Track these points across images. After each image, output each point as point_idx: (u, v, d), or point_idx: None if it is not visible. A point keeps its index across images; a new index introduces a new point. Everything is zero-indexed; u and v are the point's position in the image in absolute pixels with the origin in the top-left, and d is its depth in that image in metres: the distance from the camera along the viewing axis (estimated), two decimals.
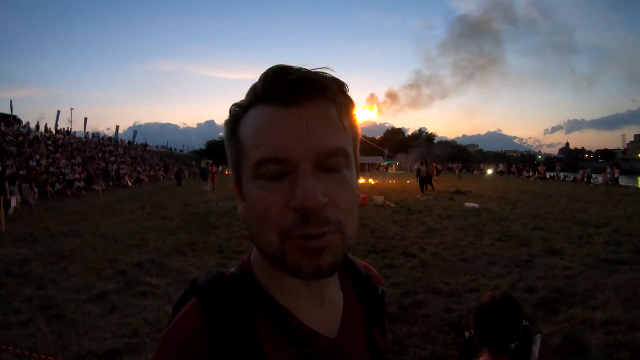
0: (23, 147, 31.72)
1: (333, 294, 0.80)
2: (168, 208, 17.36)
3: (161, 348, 0.68)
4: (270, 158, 0.64)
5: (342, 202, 0.65)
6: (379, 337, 0.86)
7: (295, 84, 0.64)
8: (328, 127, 0.66)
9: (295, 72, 0.65)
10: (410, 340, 4.73)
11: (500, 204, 17.84)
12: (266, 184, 0.65)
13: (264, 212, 0.65)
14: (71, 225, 13.20)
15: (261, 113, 0.67)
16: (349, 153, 0.68)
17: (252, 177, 0.67)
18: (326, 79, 0.67)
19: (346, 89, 0.70)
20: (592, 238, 9.98)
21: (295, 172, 0.63)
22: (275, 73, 0.66)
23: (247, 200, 0.69)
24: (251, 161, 0.66)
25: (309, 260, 0.63)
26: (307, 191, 0.61)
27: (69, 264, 8.23)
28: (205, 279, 0.76)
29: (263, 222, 0.65)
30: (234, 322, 0.68)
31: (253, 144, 0.66)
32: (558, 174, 44.47)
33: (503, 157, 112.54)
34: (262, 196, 0.65)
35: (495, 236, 10.33)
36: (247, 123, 0.69)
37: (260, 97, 0.67)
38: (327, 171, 0.65)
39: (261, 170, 0.65)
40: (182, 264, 8.11)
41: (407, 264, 7.93)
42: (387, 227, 12.24)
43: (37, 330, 5.09)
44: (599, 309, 5.38)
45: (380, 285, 0.94)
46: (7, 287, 6.82)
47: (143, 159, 53.58)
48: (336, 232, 0.64)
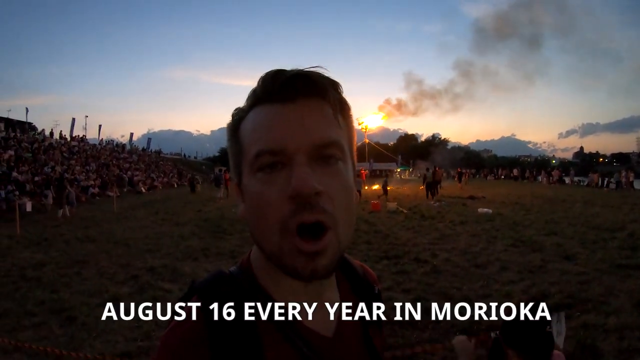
0: (38, 154, 32.02)
1: (330, 294, 0.81)
2: (181, 214, 17.47)
3: (162, 348, 0.68)
4: (267, 150, 0.66)
5: (336, 195, 0.67)
6: (376, 337, 0.86)
7: (290, 82, 0.67)
8: (322, 120, 0.68)
9: (290, 72, 0.68)
10: (421, 346, 4.70)
11: (513, 209, 17.71)
12: (264, 176, 0.66)
13: (264, 205, 0.66)
14: (85, 230, 13.35)
15: (260, 112, 0.70)
16: (343, 147, 0.70)
17: (251, 172, 0.68)
18: (320, 77, 0.69)
19: (340, 89, 0.72)
20: (606, 243, 9.87)
21: (291, 164, 0.65)
22: (272, 75, 0.69)
23: (246, 197, 0.71)
24: (250, 155, 0.68)
25: (305, 263, 0.65)
26: (301, 178, 0.63)
27: (82, 268, 8.32)
28: (204, 278, 0.77)
29: (263, 216, 0.67)
30: (233, 321, 0.69)
31: (252, 140, 0.69)
32: (572, 178, 43.97)
33: (517, 162, 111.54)
34: (261, 189, 0.66)
35: (509, 242, 10.25)
36: (247, 124, 0.71)
37: (259, 98, 0.70)
38: (322, 163, 0.67)
39: (259, 163, 0.67)
40: (194, 269, 8.16)
41: (419, 269, 7.90)
42: (400, 233, 12.22)
43: (50, 332, 5.16)
44: (613, 315, 5.32)
45: (377, 285, 0.94)
46: (21, 290, 6.92)
47: (157, 166, 53.87)
48: (331, 230, 0.65)
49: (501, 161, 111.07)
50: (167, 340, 0.69)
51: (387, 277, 7.36)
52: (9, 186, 21.49)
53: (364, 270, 0.95)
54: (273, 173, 0.66)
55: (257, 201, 0.67)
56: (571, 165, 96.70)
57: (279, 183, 0.65)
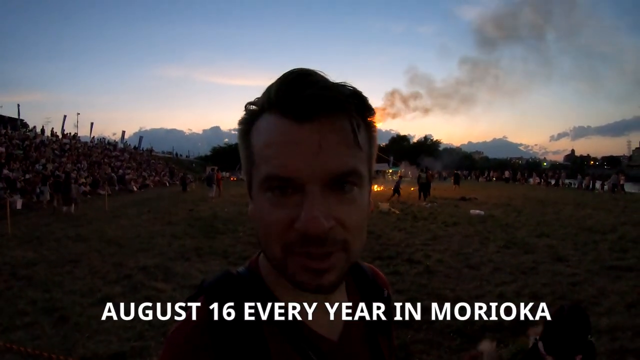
0: (29, 151, 31.84)
1: (338, 297, 0.80)
2: (173, 213, 17.36)
3: (168, 346, 0.68)
4: (278, 176, 0.63)
5: (350, 222, 0.65)
6: (384, 341, 0.85)
7: (311, 100, 0.62)
8: (341, 146, 0.63)
9: (312, 85, 0.62)
10: (416, 346, 4.72)
11: (505, 211, 17.79)
12: (273, 198, 0.64)
13: (270, 226, 0.64)
14: (77, 229, 13.24)
15: (273, 123, 0.65)
16: (361, 173, 0.66)
17: (260, 189, 0.66)
18: (345, 94, 0.64)
19: (367, 103, 0.67)
20: (597, 245, 9.96)
21: (303, 192, 0.62)
22: (292, 82, 0.63)
23: (255, 207, 0.69)
24: (260, 174, 0.65)
25: (311, 279, 0.64)
26: (311, 217, 0.60)
27: (74, 267, 8.26)
28: (212, 278, 0.77)
29: (268, 233, 0.65)
30: (239, 322, 0.68)
31: (263, 157, 0.65)
32: (563, 181, 44.29)
33: (508, 164, 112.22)
34: (269, 210, 0.64)
35: (501, 243, 10.31)
36: (259, 130, 0.67)
37: (273, 104, 0.65)
38: (337, 190, 0.64)
39: (268, 185, 0.64)
40: (187, 268, 8.12)
41: (412, 270, 7.90)
42: (392, 234, 12.22)
43: (42, 332, 5.11)
44: (605, 316, 5.37)
45: (386, 289, 0.93)
46: (13, 289, 6.85)
47: (149, 165, 53.66)
48: (341, 251, 0.64)
49: (492, 163, 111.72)
50: (173, 340, 0.68)
51: None
52: (0, 183, 21.37)
53: (374, 273, 0.95)
54: (282, 197, 0.63)
55: (264, 218, 0.65)
56: (562, 167, 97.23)
57: (288, 209, 0.63)
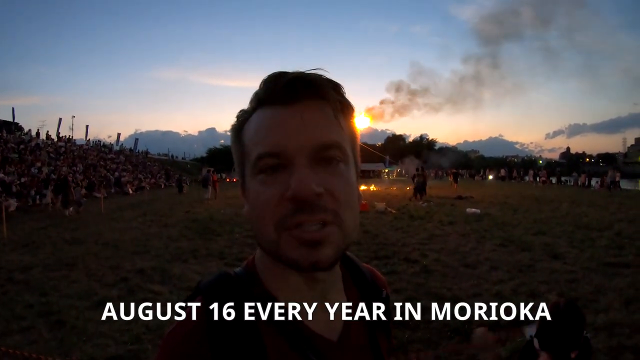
0: (25, 154, 31.79)
1: (336, 296, 0.80)
2: (170, 215, 17.36)
3: (164, 347, 0.68)
4: (267, 153, 0.66)
5: (339, 193, 0.67)
6: (382, 341, 0.85)
7: (291, 84, 0.67)
8: (323, 122, 0.68)
9: (291, 74, 0.68)
10: (413, 345, 4.72)
11: (502, 209, 17.87)
12: (265, 177, 0.67)
13: (263, 205, 0.67)
14: (73, 232, 13.22)
15: (262, 115, 0.70)
16: (344, 148, 0.70)
17: (252, 174, 0.69)
18: (321, 79, 0.69)
19: (342, 90, 0.72)
20: (594, 242, 9.99)
21: (292, 165, 0.65)
22: (274, 78, 0.69)
23: (249, 198, 0.71)
24: (251, 158, 0.69)
25: (306, 255, 0.64)
26: (301, 181, 0.63)
27: (70, 270, 8.23)
28: (209, 279, 0.77)
29: (261, 216, 0.67)
30: (236, 323, 0.68)
31: (253, 142, 0.69)
32: (559, 178, 44.44)
33: (504, 162, 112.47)
34: (261, 190, 0.67)
35: (498, 241, 10.32)
36: (250, 126, 0.72)
37: (261, 101, 0.71)
38: (324, 164, 0.67)
39: (260, 165, 0.67)
40: (184, 270, 8.10)
41: (409, 270, 7.90)
42: (389, 233, 12.22)
43: (39, 336, 5.10)
44: (602, 312, 5.38)
45: (385, 289, 0.93)
46: (9, 293, 6.83)
47: (144, 167, 53.65)
48: (333, 222, 0.65)
49: (488, 162, 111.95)
50: (169, 341, 0.68)
51: None
52: None
53: (372, 273, 0.95)
54: (273, 175, 0.66)
55: (257, 201, 0.68)
56: (558, 165, 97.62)
57: (279, 184, 0.65)
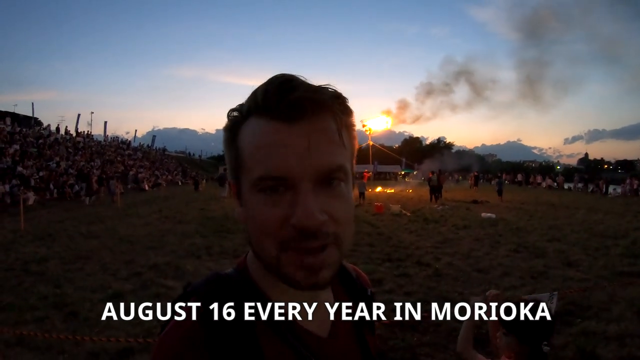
0: (43, 149, 32.19)
1: (325, 295, 0.81)
2: (185, 212, 17.51)
3: (158, 349, 0.68)
4: (271, 176, 0.65)
5: (340, 216, 0.67)
6: (369, 337, 0.87)
7: (298, 102, 0.64)
8: (328, 145, 0.67)
9: (298, 88, 0.65)
10: (422, 349, 4.71)
11: (517, 214, 17.68)
12: (266, 197, 0.66)
13: (264, 224, 0.66)
14: (89, 226, 13.41)
15: (262, 126, 0.67)
16: (347, 170, 0.70)
17: (252, 189, 0.67)
18: (328, 96, 0.67)
19: (347, 104, 0.71)
20: (608, 250, 9.84)
21: (295, 190, 0.64)
22: (278, 87, 0.66)
23: (246, 209, 0.70)
24: (252, 175, 0.67)
25: (307, 277, 0.65)
26: (307, 211, 0.63)
27: (85, 264, 8.38)
28: (201, 280, 0.77)
29: (263, 233, 0.67)
30: (230, 323, 0.69)
31: (254, 159, 0.67)
32: (577, 185, 43.82)
33: (521, 167, 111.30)
34: (262, 210, 0.66)
35: (511, 247, 10.22)
36: (247, 133, 0.69)
37: (260, 107, 0.67)
38: (326, 187, 0.67)
39: (262, 186, 0.66)
40: (197, 267, 8.18)
41: (421, 273, 7.88)
42: (403, 236, 12.21)
43: (52, 326, 5.19)
44: (614, 322, 5.30)
45: (369, 287, 0.95)
46: (25, 284, 6.97)
47: (161, 164, 54.00)
48: (333, 246, 0.66)
49: (505, 166, 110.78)
50: (164, 342, 0.68)
51: (389, 280, 7.37)
52: (14, 180, 21.62)
53: (357, 273, 0.97)
54: (275, 196, 0.65)
55: (257, 218, 0.67)
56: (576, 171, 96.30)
57: (282, 207, 0.65)
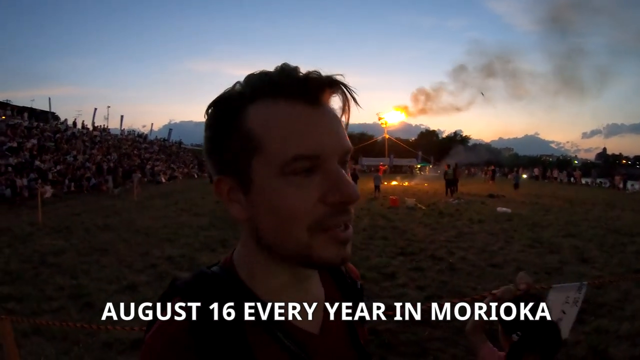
0: (61, 143, 32.54)
1: (315, 290, 0.82)
2: (201, 205, 17.60)
3: (147, 350, 0.67)
4: (307, 155, 0.65)
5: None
6: (360, 331, 0.87)
7: (321, 86, 0.68)
8: (343, 128, 0.72)
9: (317, 73, 0.68)
10: (432, 343, 4.73)
11: (533, 209, 17.53)
12: (297, 179, 0.66)
13: (295, 208, 0.66)
14: (105, 219, 13.57)
15: (286, 109, 0.67)
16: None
17: (279, 174, 0.66)
18: (343, 84, 0.70)
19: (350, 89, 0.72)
20: (624, 247, 9.76)
21: (325, 168, 0.67)
22: (293, 71, 0.68)
23: (263, 198, 0.68)
24: (281, 157, 0.65)
25: (337, 252, 0.68)
26: (351, 185, 0.67)
27: (101, 256, 8.50)
28: (186, 278, 0.76)
29: (292, 218, 0.66)
30: (219, 322, 0.67)
31: (283, 140, 0.66)
32: (595, 180, 43.32)
33: (538, 161, 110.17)
34: (294, 192, 0.66)
35: (526, 242, 10.17)
36: (261, 114, 0.68)
37: (278, 89, 0.67)
38: (343, 168, 0.70)
39: (294, 167, 0.65)
40: (212, 259, 8.04)
41: (435, 267, 7.89)
42: (417, 229, 12.19)
43: (68, 317, 5.28)
44: (627, 321, 5.26)
45: (359, 281, 0.96)
46: (42, 275, 7.11)
47: (178, 157, 54.27)
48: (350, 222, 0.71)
49: (522, 160, 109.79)
50: (152, 343, 0.67)
51: (402, 274, 7.38)
52: (32, 174, 21.92)
53: (346, 266, 0.96)
54: (308, 177, 0.66)
55: (287, 204, 0.66)
56: (593, 166, 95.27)
57: (315, 187, 0.66)
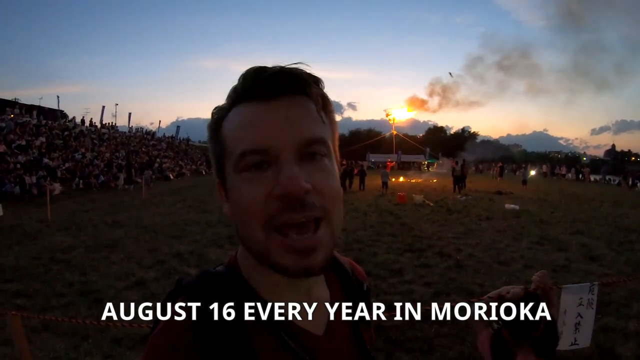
0: (69, 141, 32.70)
1: (319, 291, 0.80)
2: (209, 202, 17.62)
3: (151, 349, 0.67)
4: (252, 150, 0.65)
5: (326, 189, 0.67)
6: (365, 332, 0.86)
7: (273, 79, 0.66)
8: (307, 117, 0.68)
9: (272, 68, 0.67)
10: (439, 340, 4.74)
11: (541, 206, 17.46)
12: (249, 175, 0.66)
13: (248, 204, 0.65)
14: (114, 216, 13.66)
15: (243, 110, 0.69)
16: (328, 143, 0.70)
17: (235, 171, 0.67)
18: (303, 73, 0.69)
19: (322, 85, 0.72)
20: (632, 245, 9.70)
21: (278, 162, 0.64)
22: (254, 73, 0.68)
23: (231, 197, 0.70)
24: (234, 155, 0.67)
25: (297, 261, 0.64)
26: (290, 177, 0.62)
27: (110, 252, 8.58)
28: (191, 278, 0.75)
29: (247, 215, 0.66)
30: (222, 323, 0.67)
31: (235, 139, 0.67)
32: (604, 177, 43.03)
33: (547, 158, 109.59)
34: (246, 188, 0.66)
35: (534, 239, 10.14)
36: (229, 122, 0.70)
37: (241, 96, 0.69)
38: (309, 160, 0.67)
39: (244, 162, 0.66)
40: (220, 256, 8.28)
41: (442, 264, 7.89)
42: (425, 226, 12.19)
43: (78, 313, 5.35)
44: (634, 319, 5.25)
45: (365, 282, 0.94)
46: (51, 272, 7.17)
47: (186, 154, 54.41)
48: (324, 222, 0.66)
49: (530, 156, 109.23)
50: (157, 341, 0.67)
51: (409, 270, 7.39)
52: (40, 172, 22.05)
53: (352, 266, 0.95)
54: (258, 172, 0.65)
55: (242, 201, 0.66)
56: (602, 163, 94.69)
57: (265, 182, 0.64)
